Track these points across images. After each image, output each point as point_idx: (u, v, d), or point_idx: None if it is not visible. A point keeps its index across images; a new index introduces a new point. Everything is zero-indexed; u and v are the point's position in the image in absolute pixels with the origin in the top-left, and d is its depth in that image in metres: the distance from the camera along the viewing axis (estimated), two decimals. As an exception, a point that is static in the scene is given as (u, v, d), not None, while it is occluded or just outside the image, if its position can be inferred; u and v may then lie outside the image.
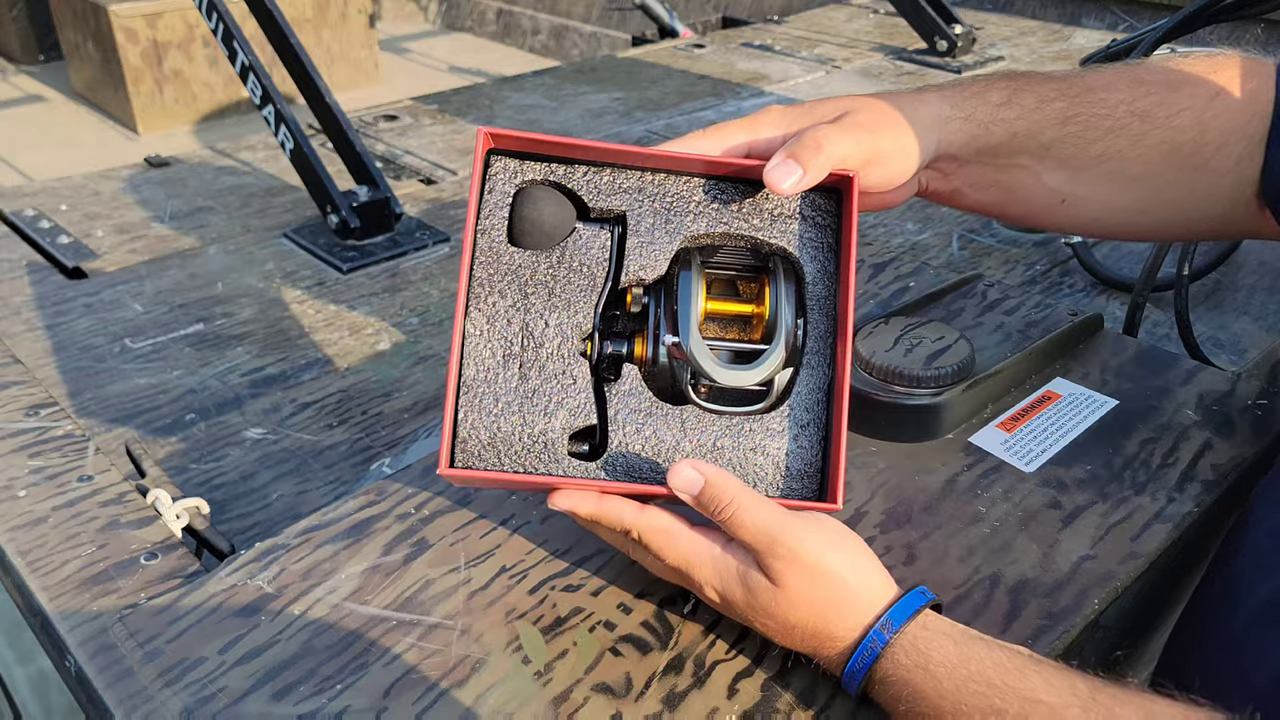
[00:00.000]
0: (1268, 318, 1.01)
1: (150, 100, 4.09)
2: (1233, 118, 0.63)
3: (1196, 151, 0.63)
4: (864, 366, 0.69)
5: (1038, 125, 0.63)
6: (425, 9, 5.78)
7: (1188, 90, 0.63)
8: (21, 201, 1.25)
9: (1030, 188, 0.65)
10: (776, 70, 1.79)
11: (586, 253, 0.56)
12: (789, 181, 0.53)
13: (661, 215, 0.56)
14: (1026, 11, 2.17)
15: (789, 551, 0.49)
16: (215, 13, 1.21)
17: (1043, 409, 0.72)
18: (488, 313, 0.54)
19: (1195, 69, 0.64)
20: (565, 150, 0.56)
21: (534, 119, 1.56)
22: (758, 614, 0.51)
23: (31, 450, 0.71)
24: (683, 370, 0.54)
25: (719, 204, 0.56)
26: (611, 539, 0.56)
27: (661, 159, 0.56)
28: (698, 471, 0.50)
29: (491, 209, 0.56)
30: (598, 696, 0.51)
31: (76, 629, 0.55)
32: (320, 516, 0.63)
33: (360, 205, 1.13)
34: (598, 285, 0.55)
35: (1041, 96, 0.63)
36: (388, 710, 0.50)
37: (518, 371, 0.54)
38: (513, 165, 0.57)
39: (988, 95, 0.63)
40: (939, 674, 0.48)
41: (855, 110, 0.58)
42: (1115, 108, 0.63)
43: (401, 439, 0.81)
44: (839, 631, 0.50)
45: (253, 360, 0.92)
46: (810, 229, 0.56)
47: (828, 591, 0.50)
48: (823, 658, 0.51)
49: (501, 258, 0.55)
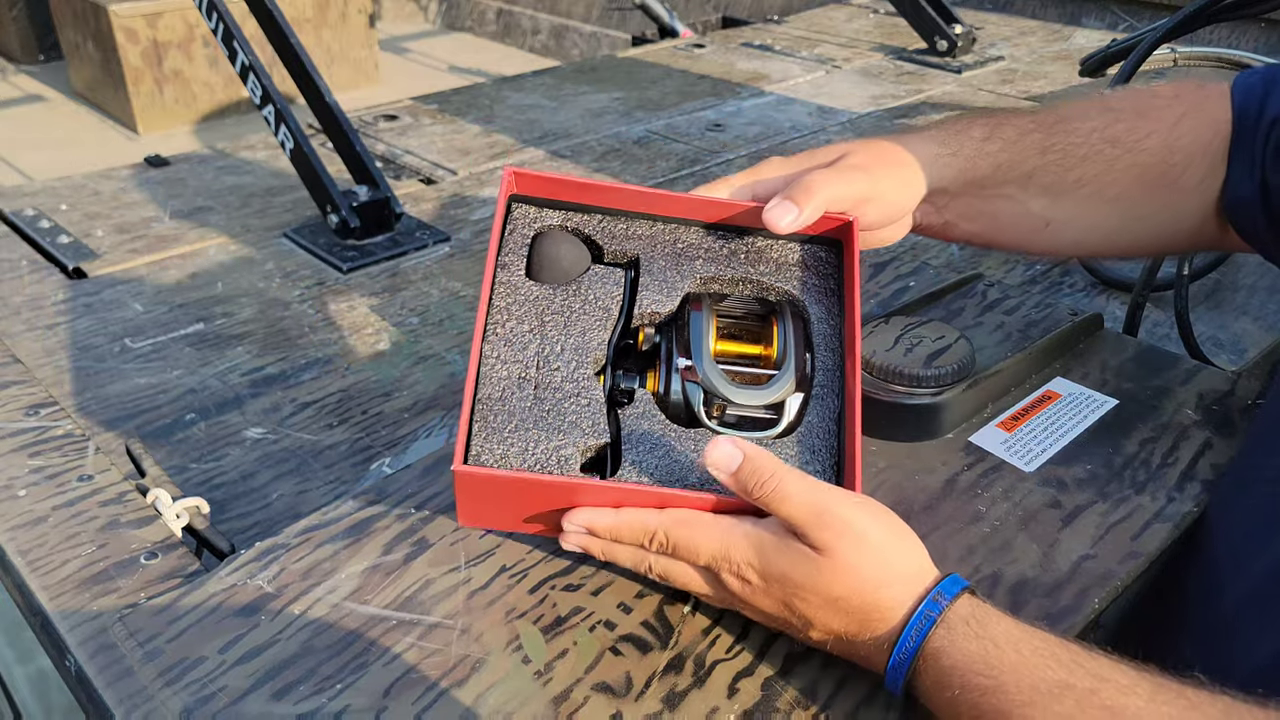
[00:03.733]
0: (1268, 318, 1.01)
1: (150, 100, 4.09)
2: (1197, 138, 0.67)
3: (1165, 172, 0.67)
4: (864, 366, 0.69)
5: (1019, 156, 0.66)
6: (425, 9, 5.78)
7: (1154, 116, 0.67)
8: (21, 201, 1.25)
9: (1016, 215, 0.68)
10: (776, 70, 1.80)
11: (601, 289, 0.58)
12: (786, 220, 0.57)
13: (673, 260, 0.60)
14: (1026, 11, 2.17)
15: (839, 521, 0.48)
16: (215, 13, 1.21)
17: (1043, 408, 0.72)
18: (505, 336, 0.56)
19: (1161, 95, 0.69)
20: (582, 193, 0.59)
21: (534, 119, 1.56)
22: (799, 590, 0.49)
23: (31, 450, 0.71)
24: (695, 394, 0.55)
25: (728, 252, 0.60)
26: (632, 559, 0.53)
27: (672, 201, 0.59)
28: (736, 447, 0.49)
29: (511, 248, 0.59)
30: (598, 696, 0.51)
31: (76, 628, 0.55)
32: (320, 516, 0.63)
33: (360, 205, 1.13)
34: (612, 319, 0.57)
35: (1020, 129, 0.67)
36: (388, 710, 0.50)
37: (533, 393, 0.54)
38: (533, 212, 0.60)
39: (971, 132, 0.67)
40: (1001, 643, 0.46)
41: (850, 153, 0.62)
42: (1089, 135, 0.67)
43: (401, 439, 0.81)
44: (888, 602, 0.48)
45: (253, 360, 0.92)
46: (814, 276, 0.60)
47: (877, 560, 0.48)
48: (866, 639, 0.49)
49: (519, 290, 0.58)
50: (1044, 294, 0.95)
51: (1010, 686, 0.45)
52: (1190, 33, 1.04)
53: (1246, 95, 0.66)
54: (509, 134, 1.50)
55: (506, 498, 0.52)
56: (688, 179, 1.32)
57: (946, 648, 0.47)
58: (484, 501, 0.53)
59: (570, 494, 0.51)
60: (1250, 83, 0.67)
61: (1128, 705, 0.43)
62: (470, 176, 1.34)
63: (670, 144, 1.45)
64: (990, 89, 1.67)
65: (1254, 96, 0.66)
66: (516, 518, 0.55)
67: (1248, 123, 0.65)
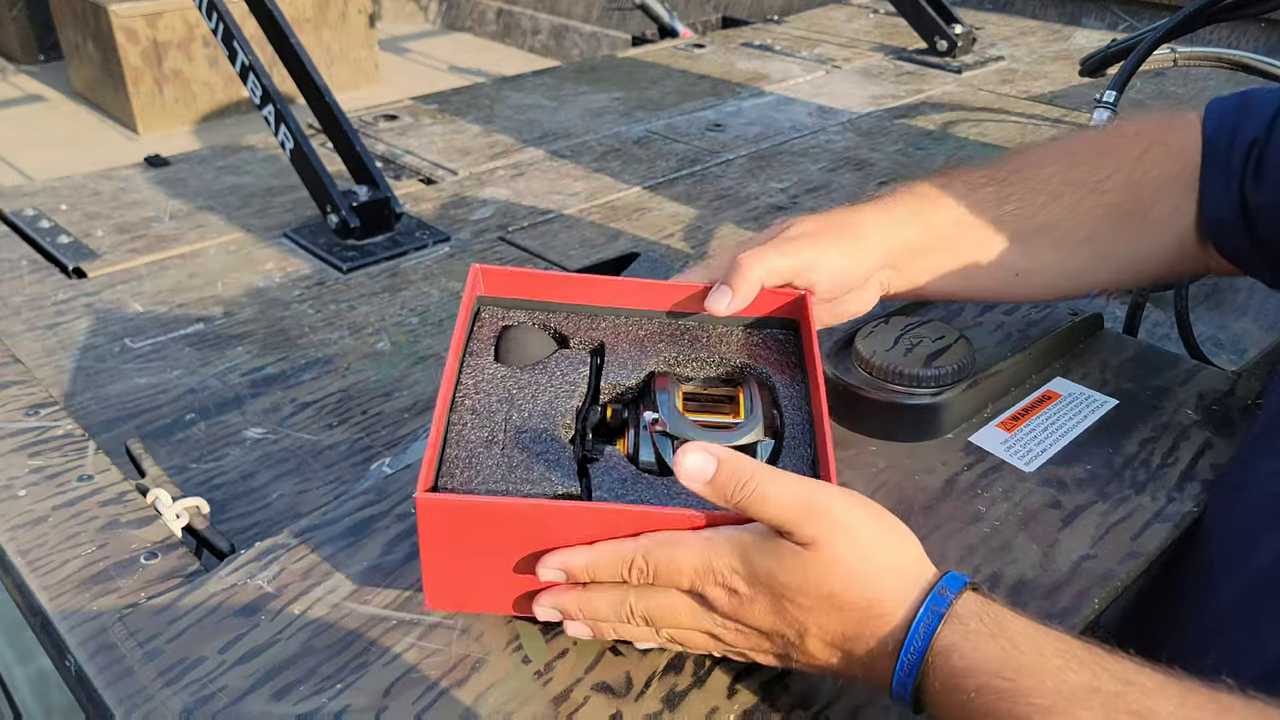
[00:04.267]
0: (1268, 318, 1.01)
1: (150, 100, 4.09)
2: (1165, 171, 0.67)
3: (1133, 209, 0.67)
4: (864, 366, 0.69)
5: (976, 210, 0.67)
6: (425, 9, 5.78)
7: (1116, 154, 0.68)
8: (21, 201, 1.25)
9: (985, 268, 0.68)
10: (776, 70, 1.80)
11: (569, 367, 0.59)
12: (723, 305, 0.59)
13: (637, 344, 0.61)
14: (1026, 11, 2.17)
15: (826, 514, 0.45)
16: (215, 13, 1.21)
17: (1043, 408, 0.72)
18: (471, 408, 0.56)
19: (1123, 133, 0.70)
20: (547, 285, 0.62)
21: (534, 119, 1.56)
22: (789, 592, 0.45)
23: (31, 450, 0.71)
24: (665, 444, 0.55)
25: (690, 337, 0.62)
26: (611, 603, 0.49)
27: (634, 288, 0.62)
28: (709, 453, 0.46)
29: (479, 339, 0.60)
30: (598, 696, 0.51)
31: (76, 628, 0.55)
32: (320, 516, 0.63)
33: (360, 205, 1.13)
34: (580, 392, 0.57)
35: (971, 184, 0.68)
36: (388, 710, 0.50)
37: (500, 453, 0.53)
38: (500, 312, 0.62)
39: (920, 191, 0.67)
40: (1020, 643, 0.43)
41: (794, 224, 0.63)
42: (1048, 180, 0.68)
43: (401, 439, 0.81)
44: (887, 594, 0.45)
45: (253, 360, 0.92)
46: (776, 353, 0.61)
47: (869, 551, 0.46)
48: (868, 639, 0.45)
49: (486, 370, 0.58)
50: (1044, 294, 0.95)
51: (1031, 690, 0.42)
52: (1190, 33, 1.04)
53: (1219, 119, 0.67)
54: (509, 134, 1.50)
55: (475, 540, 0.49)
56: (688, 179, 1.32)
57: (959, 645, 0.44)
58: (451, 554, 0.50)
59: (543, 520, 0.48)
60: (1223, 108, 0.67)
61: (1157, 709, 0.40)
62: (470, 176, 1.34)
63: (670, 144, 1.45)
64: (990, 89, 1.67)
65: (1226, 120, 0.66)
66: (489, 577, 0.51)
67: (1220, 145, 0.66)
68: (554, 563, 0.48)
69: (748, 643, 0.48)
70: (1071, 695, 0.41)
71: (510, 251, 1.13)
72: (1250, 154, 0.65)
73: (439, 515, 0.48)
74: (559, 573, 0.48)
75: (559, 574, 0.48)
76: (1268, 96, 0.66)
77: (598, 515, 0.48)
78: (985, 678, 0.43)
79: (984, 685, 0.42)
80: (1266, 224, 0.65)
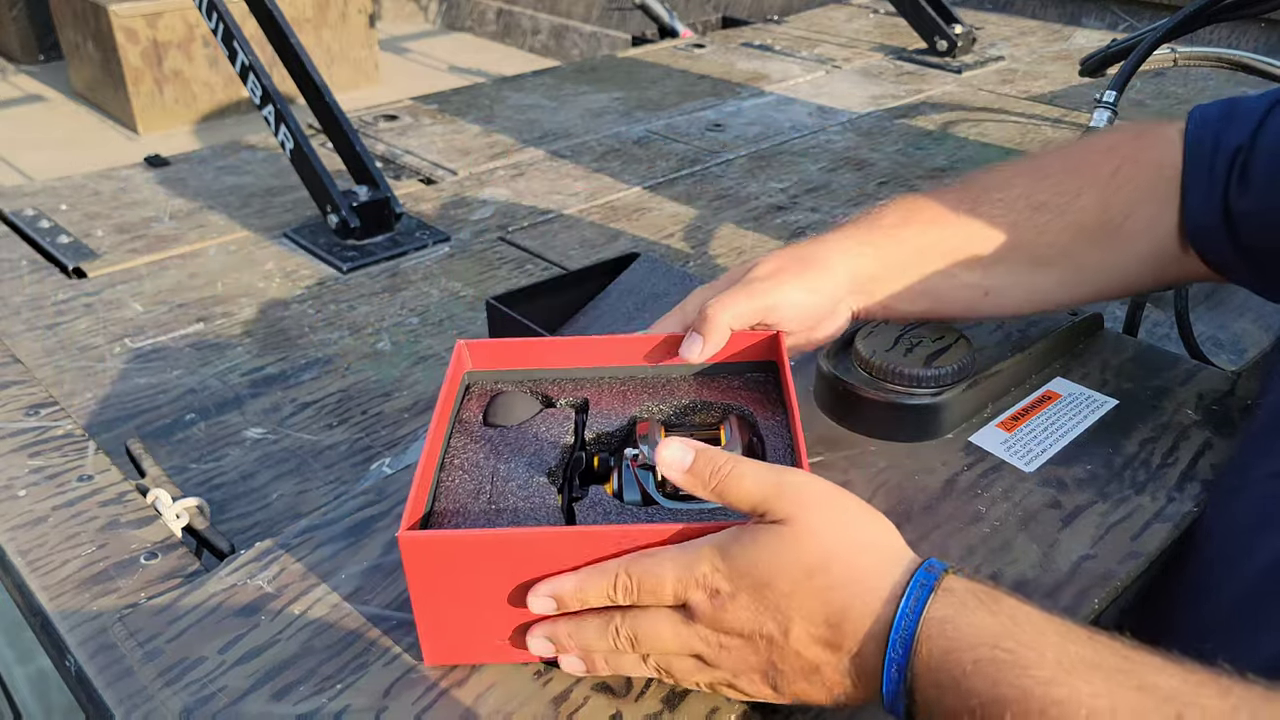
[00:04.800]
0: (1267, 318, 1.01)
1: (150, 100, 4.10)
2: (1139, 185, 0.67)
3: (1105, 225, 0.67)
4: (864, 366, 0.69)
5: (941, 235, 0.67)
6: (425, 9, 5.78)
7: (1087, 172, 0.68)
8: (21, 201, 1.25)
9: (953, 289, 0.68)
10: (776, 70, 1.80)
11: (554, 422, 0.60)
12: (695, 352, 0.61)
13: (619, 396, 0.63)
14: (1026, 11, 2.17)
15: (801, 491, 0.45)
16: (215, 13, 1.21)
17: (1043, 409, 0.72)
18: (460, 465, 0.57)
19: (1095, 149, 0.70)
20: (530, 351, 0.64)
21: (534, 119, 1.56)
22: (771, 578, 0.45)
23: (31, 450, 0.71)
24: (647, 477, 0.55)
25: (670, 386, 0.63)
26: (598, 629, 0.49)
27: (614, 344, 0.63)
28: (686, 445, 0.48)
29: (467, 409, 0.62)
30: (598, 696, 0.51)
31: (76, 629, 0.55)
32: (320, 516, 0.63)
33: (360, 205, 1.13)
34: (565, 444, 0.59)
35: (935, 212, 0.68)
36: (388, 710, 0.50)
37: (486, 502, 0.54)
38: (488, 385, 0.64)
39: (882, 221, 0.68)
40: (1019, 619, 0.42)
41: (757, 265, 0.65)
42: (1014, 203, 0.68)
43: (401, 439, 0.81)
44: (870, 567, 0.44)
45: (253, 360, 0.92)
46: (755, 393, 0.62)
47: (845, 524, 0.45)
48: (854, 622, 0.44)
49: (473, 430, 0.60)
50: (1044, 294, 0.95)
51: (1033, 662, 0.40)
52: (1190, 33, 1.04)
53: (1202, 126, 0.67)
54: (509, 134, 1.50)
55: (464, 580, 0.49)
56: (687, 179, 1.32)
57: (954, 617, 0.42)
58: (442, 599, 0.50)
59: (526, 548, 0.48)
60: (1207, 115, 0.67)
61: (1159, 684, 0.39)
62: (470, 176, 1.35)
63: (670, 144, 1.45)
64: (990, 89, 1.67)
65: (1209, 127, 0.66)
66: (484, 622, 0.51)
67: (1203, 152, 0.66)
68: (544, 590, 0.48)
69: (732, 661, 0.47)
70: (1073, 668, 0.40)
71: (510, 251, 1.13)
72: (1235, 160, 0.65)
73: (423, 554, 0.48)
74: (550, 601, 0.48)
75: (550, 602, 0.48)
76: (1253, 103, 0.66)
77: (580, 538, 0.48)
78: (983, 649, 0.41)
79: (982, 658, 0.41)
80: (1251, 230, 0.65)
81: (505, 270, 1.09)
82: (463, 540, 0.49)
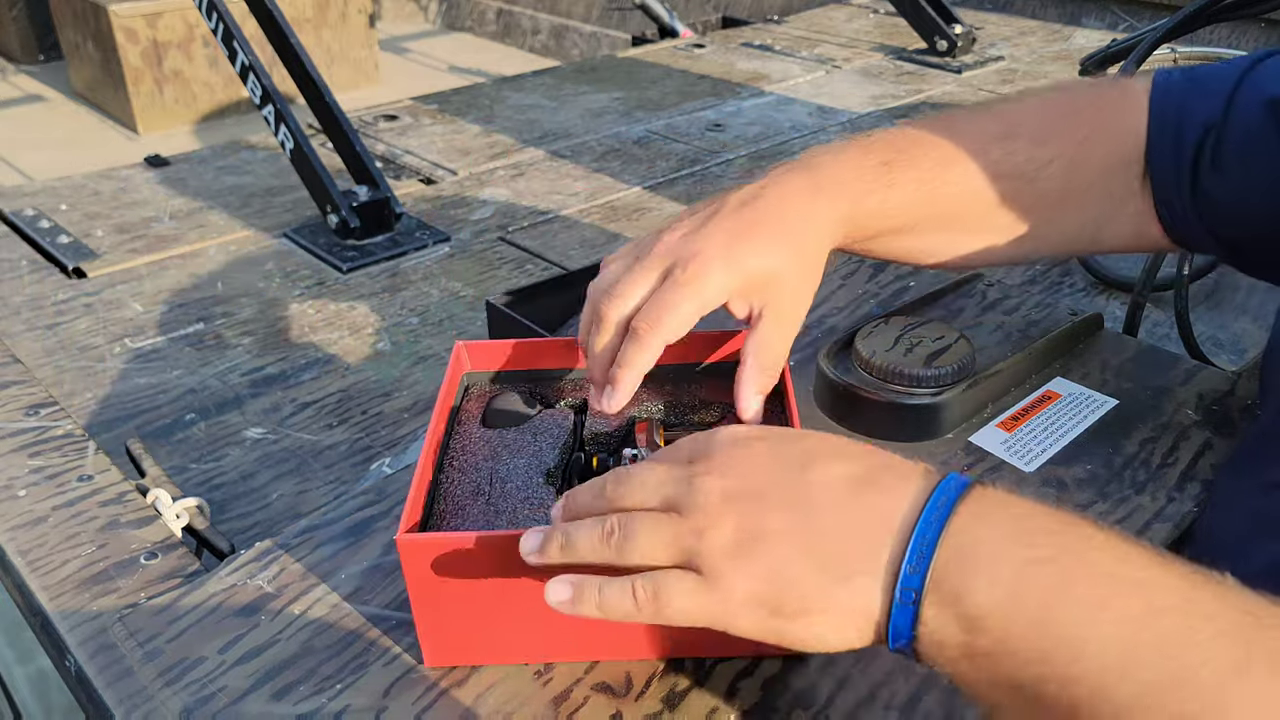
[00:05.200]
0: (1267, 317, 1.00)
1: (150, 100, 4.09)
2: (1105, 155, 0.65)
3: (1068, 194, 0.65)
4: (864, 366, 0.69)
5: (903, 213, 0.63)
6: (425, 9, 5.78)
7: (1055, 142, 0.65)
8: (21, 201, 1.25)
9: (912, 250, 0.66)
10: (776, 70, 1.80)
11: (552, 422, 0.60)
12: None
13: None
14: (1026, 11, 2.17)
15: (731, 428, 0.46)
16: (215, 13, 1.21)
17: (1043, 409, 0.72)
18: (460, 467, 0.57)
19: (1063, 112, 0.66)
20: (529, 352, 0.64)
21: (534, 119, 1.56)
22: (789, 437, 0.44)
23: (31, 450, 0.71)
24: (654, 431, 0.57)
25: (669, 386, 0.63)
26: (591, 531, 0.44)
27: None
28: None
29: (465, 412, 0.62)
30: (598, 696, 0.51)
31: (76, 629, 0.55)
32: (320, 516, 0.63)
33: (360, 205, 1.13)
34: (564, 445, 0.59)
35: (906, 183, 0.63)
36: (388, 710, 0.50)
37: (485, 503, 0.55)
38: (486, 388, 0.64)
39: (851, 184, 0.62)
40: (1058, 528, 0.38)
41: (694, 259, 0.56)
42: (979, 175, 0.64)
43: (401, 439, 0.81)
44: (895, 461, 0.42)
45: (253, 360, 0.92)
46: None
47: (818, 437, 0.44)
48: (880, 492, 0.41)
49: (473, 432, 0.60)
50: (1044, 294, 0.95)
51: (1081, 580, 0.37)
52: (1190, 33, 1.04)
53: (1165, 94, 0.64)
54: (509, 134, 1.50)
55: (461, 582, 0.49)
56: (688, 179, 1.32)
57: (990, 519, 0.39)
58: (441, 601, 0.50)
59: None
60: (1170, 84, 0.65)
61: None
62: (470, 176, 1.34)
63: (670, 144, 1.45)
64: (990, 89, 1.67)
65: (1172, 98, 0.64)
66: (483, 622, 0.50)
67: (1167, 127, 0.64)
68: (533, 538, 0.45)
69: (721, 535, 0.41)
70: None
71: (510, 251, 1.13)
72: (1205, 139, 0.62)
73: (421, 556, 0.48)
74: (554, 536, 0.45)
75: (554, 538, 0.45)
76: (1220, 73, 0.63)
77: None
78: (1032, 549, 0.38)
79: (1035, 559, 0.37)
80: (1226, 215, 0.63)
81: (505, 270, 1.09)
82: (460, 542, 0.49)
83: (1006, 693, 0.37)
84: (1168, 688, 0.33)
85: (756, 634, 0.41)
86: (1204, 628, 0.34)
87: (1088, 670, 0.35)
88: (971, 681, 0.39)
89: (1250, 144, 0.61)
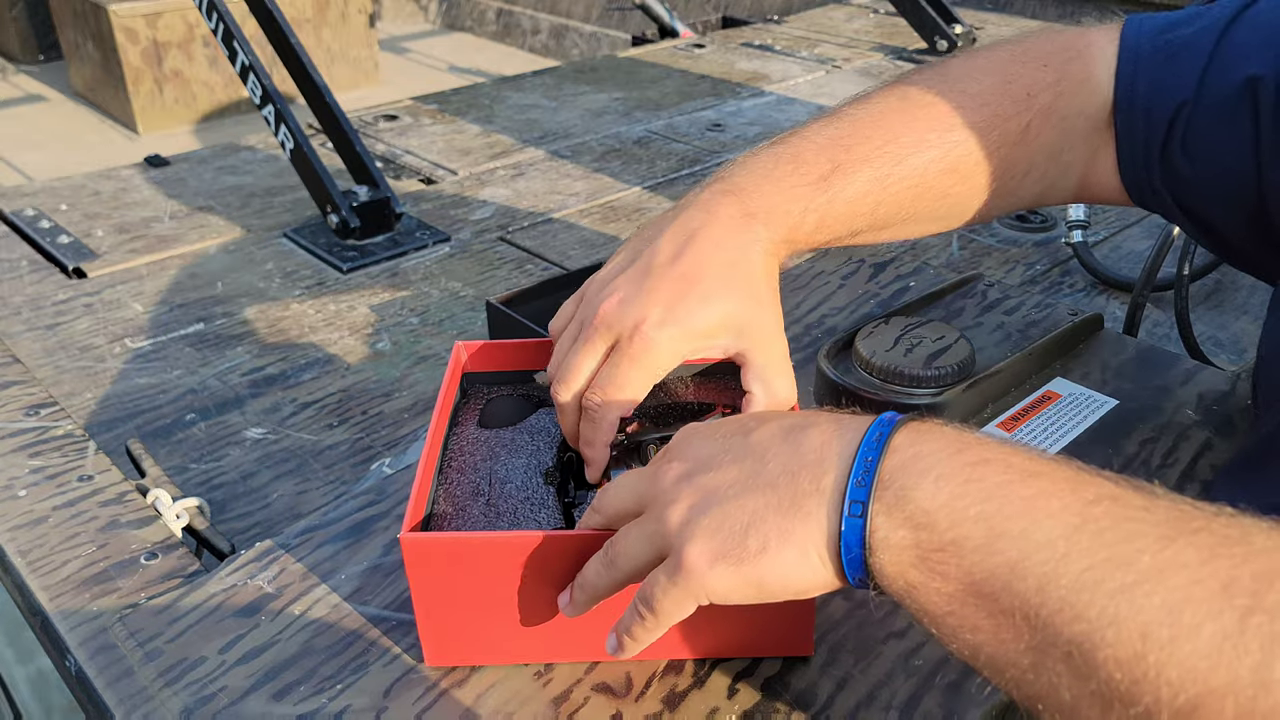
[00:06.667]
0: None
1: (150, 100, 4.09)
2: (1045, 142, 0.63)
3: (1004, 181, 0.63)
4: (864, 366, 0.69)
5: (859, 224, 0.62)
6: (425, 9, 5.78)
7: (996, 134, 0.63)
8: (21, 201, 1.25)
9: (889, 235, 0.65)
10: (776, 70, 1.80)
11: (549, 422, 0.61)
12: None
13: None
14: (1026, 11, 2.17)
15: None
16: (215, 13, 1.21)
17: (1043, 409, 0.72)
18: (459, 468, 0.58)
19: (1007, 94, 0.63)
20: (527, 352, 0.64)
21: (534, 119, 1.56)
22: (701, 434, 0.46)
23: (31, 450, 0.71)
24: (646, 449, 0.57)
25: (668, 386, 0.62)
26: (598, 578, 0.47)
27: None
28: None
29: (464, 414, 0.62)
30: (598, 696, 0.51)
31: (76, 629, 0.55)
32: (320, 516, 0.63)
33: (360, 205, 1.13)
34: (561, 446, 0.59)
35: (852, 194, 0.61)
36: (388, 710, 0.50)
37: (485, 503, 0.55)
38: (483, 390, 0.65)
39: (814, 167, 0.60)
40: (994, 443, 0.40)
41: None
42: (924, 173, 0.62)
43: (401, 439, 0.81)
44: (817, 419, 0.43)
45: (253, 360, 0.92)
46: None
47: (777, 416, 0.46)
48: (819, 436, 0.42)
49: (472, 431, 0.61)
50: (1044, 294, 0.95)
51: (1042, 503, 0.37)
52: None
53: (1134, 65, 0.62)
54: (509, 134, 1.50)
55: (464, 582, 0.49)
56: (687, 179, 1.32)
57: (929, 432, 0.41)
58: (443, 600, 0.50)
59: (529, 551, 0.48)
60: (1138, 47, 0.62)
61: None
62: (470, 176, 1.35)
63: (670, 144, 1.45)
64: (990, 89, 1.67)
65: (1142, 74, 0.62)
66: (484, 622, 0.51)
67: (1137, 100, 0.62)
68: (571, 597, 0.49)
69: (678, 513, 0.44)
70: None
71: (510, 251, 1.13)
72: (1177, 117, 0.60)
73: (425, 555, 0.49)
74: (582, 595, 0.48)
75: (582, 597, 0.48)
76: (1193, 43, 0.61)
77: (581, 542, 0.48)
78: (986, 470, 0.39)
79: (959, 460, 0.39)
80: (1196, 194, 0.62)
81: (505, 270, 1.09)
82: (464, 543, 0.49)
83: (958, 599, 0.38)
84: (1111, 567, 0.35)
85: (736, 594, 0.42)
86: (1138, 515, 0.36)
87: (1033, 559, 0.36)
88: (924, 596, 0.39)
89: (1220, 126, 0.59)
